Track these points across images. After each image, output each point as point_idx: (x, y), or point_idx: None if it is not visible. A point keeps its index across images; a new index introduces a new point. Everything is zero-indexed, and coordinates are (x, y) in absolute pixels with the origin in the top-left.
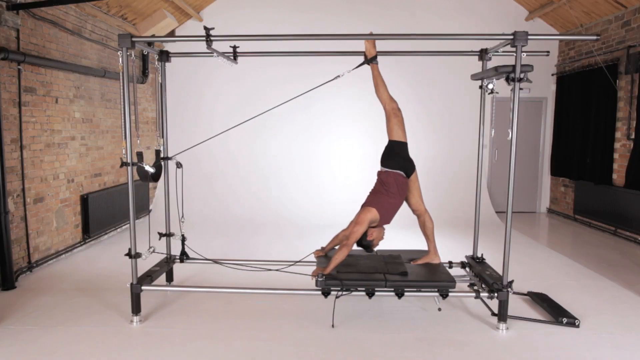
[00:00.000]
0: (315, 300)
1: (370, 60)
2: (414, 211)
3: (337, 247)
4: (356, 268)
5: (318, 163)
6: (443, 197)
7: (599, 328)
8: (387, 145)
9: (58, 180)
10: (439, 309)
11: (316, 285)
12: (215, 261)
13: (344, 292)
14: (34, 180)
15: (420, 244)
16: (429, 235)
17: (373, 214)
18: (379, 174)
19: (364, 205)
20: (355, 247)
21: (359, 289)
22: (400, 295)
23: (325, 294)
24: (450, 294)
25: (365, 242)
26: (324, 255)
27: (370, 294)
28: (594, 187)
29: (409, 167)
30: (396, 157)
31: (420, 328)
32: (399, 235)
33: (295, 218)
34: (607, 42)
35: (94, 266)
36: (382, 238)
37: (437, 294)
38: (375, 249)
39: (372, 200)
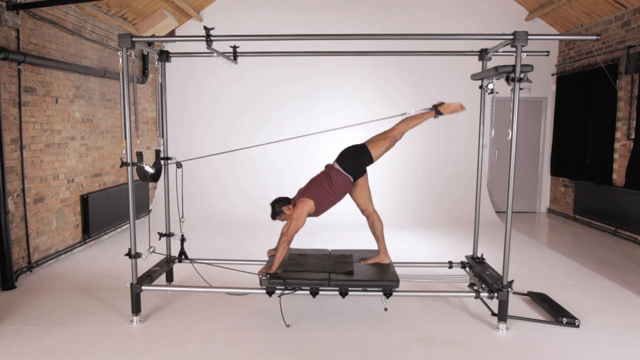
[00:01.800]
0: (315, 300)
1: (437, 112)
2: (362, 212)
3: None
4: (303, 267)
5: (318, 164)
6: (443, 197)
7: (599, 328)
8: (358, 147)
9: (58, 180)
10: (385, 309)
11: (260, 284)
12: (191, 262)
13: (287, 292)
14: (34, 180)
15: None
16: (378, 236)
17: (310, 206)
18: (330, 167)
19: (302, 195)
20: (309, 246)
21: (303, 288)
22: (344, 294)
23: (270, 293)
24: (450, 294)
25: (276, 213)
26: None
27: (314, 293)
28: (594, 187)
29: (359, 175)
30: (354, 162)
31: (420, 328)
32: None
33: None
34: (607, 42)
35: (94, 266)
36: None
37: (381, 293)
38: (330, 248)
39: (312, 192)
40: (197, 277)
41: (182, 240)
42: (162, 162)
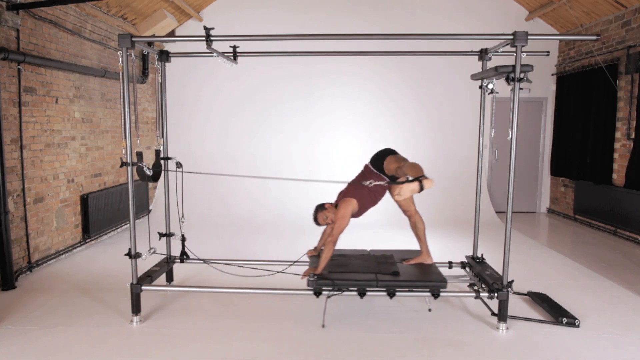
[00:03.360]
0: (314, 300)
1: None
2: (404, 212)
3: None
4: (348, 268)
5: (318, 163)
6: (443, 197)
7: (599, 328)
8: (384, 153)
9: (58, 180)
10: (429, 310)
11: (308, 285)
12: (201, 261)
13: (336, 292)
14: (34, 180)
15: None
16: (420, 236)
17: (354, 205)
18: (366, 167)
19: (344, 196)
20: (345, 247)
21: (350, 288)
22: (391, 295)
23: (317, 293)
24: (450, 294)
25: (317, 214)
26: (316, 254)
27: (362, 294)
28: (594, 187)
29: (392, 179)
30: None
31: (420, 328)
32: (397, 235)
33: (294, 218)
34: (607, 42)
35: (94, 266)
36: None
37: (428, 294)
38: (369, 248)
39: (353, 191)
40: (197, 277)
41: (183, 240)
42: (162, 162)
